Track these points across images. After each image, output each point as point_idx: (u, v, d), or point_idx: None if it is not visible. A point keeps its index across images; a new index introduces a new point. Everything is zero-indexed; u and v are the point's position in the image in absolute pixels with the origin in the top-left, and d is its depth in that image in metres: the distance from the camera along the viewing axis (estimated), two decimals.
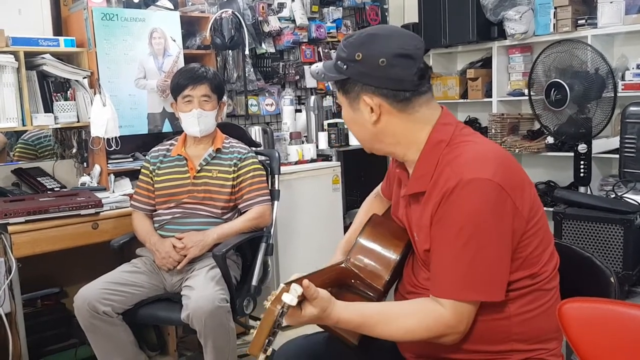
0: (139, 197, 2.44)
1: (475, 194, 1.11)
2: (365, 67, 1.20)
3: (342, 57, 1.23)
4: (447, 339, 1.15)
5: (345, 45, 1.23)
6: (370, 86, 1.21)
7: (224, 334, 2.07)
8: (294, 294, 1.04)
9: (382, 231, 1.35)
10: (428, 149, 1.22)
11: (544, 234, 1.20)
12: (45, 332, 2.70)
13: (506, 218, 1.12)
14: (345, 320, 1.15)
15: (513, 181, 1.14)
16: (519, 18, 3.51)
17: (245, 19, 3.37)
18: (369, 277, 1.29)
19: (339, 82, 1.26)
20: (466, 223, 1.11)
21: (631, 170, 2.83)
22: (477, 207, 1.11)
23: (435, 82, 4.16)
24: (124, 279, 2.19)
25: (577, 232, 2.78)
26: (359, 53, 1.20)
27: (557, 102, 3.07)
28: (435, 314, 1.14)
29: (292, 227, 3.14)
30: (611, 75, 2.99)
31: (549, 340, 1.22)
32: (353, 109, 1.26)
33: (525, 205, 1.15)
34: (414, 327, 1.15)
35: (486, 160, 1.14)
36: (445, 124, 1.24)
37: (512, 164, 1.18)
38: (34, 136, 3.01)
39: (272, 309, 1.03)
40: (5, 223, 2.24)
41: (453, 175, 1.13)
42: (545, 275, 1.20)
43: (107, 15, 2.72)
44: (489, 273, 1.12)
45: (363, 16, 4.23)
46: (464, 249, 1.11)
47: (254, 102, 3.61)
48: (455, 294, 1.13)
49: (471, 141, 1.21)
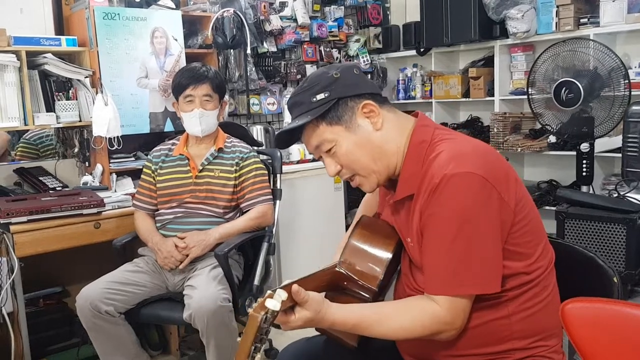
0: (141, 196, 2.44)
1: (460, 187, 1.11)
2: (346, 79, 1.23)
3: (316, 90, 1.23)
4: (444, 335, 1.15)
5: (312, 85, 1.24)
6: (359, 95, 1.23)
7: (226, 334, 2.07)
8: (278, 299, 1.03)
9: (372, 231, 1.35)
10: (411, 151, 1.23)
11: (536, 227, 1.20)
12: (47, 331, 2.70)
13: (493, 209, 1.12)
14: (340, 321, 1.14)
15: (496, 173, 1.14)
16: (521, 17, 3.50)
17: (247, 18, 3.37)
18: (362, 278, 1.28)
19: (325, 116, 1.23)
20: (453, 217, 1.11)
21: (634, 170, 2.82)
22: (463, 201, 1.11)
23: (437, 81, 4.16)
24: (126, 279, 2.19)
25: (580, 231, 2.78)
26: (335, 72, 1.23)
27: (569, 101, 3.04)
28: (430, 311, 1.14)
29: (294, 227, 3.14)
30: (623, 69, 2.95)
31: (549, 337, 1.22)
32: (353, 130, 1.23)
33: (511, 196, 1.15)
34: (409, 325, 1.15)
35: (468, 155, 1.15)
36: (423, 125, 1.26)
37: (494, 158, 1.18)
38: (36, 135, 3.01)
39: (255, 316, 1.02)
40: (7, 222, 2.24)
41: (437, 172, 1.14)
42: (541, 271, 1.20)
43: (108, 15, 2.72)
44: (481, 265, 1.12)
45: (365, 15, 4.23)
46: (453, 243, 1.12)
47: (255, 101, 3.61)
48: (448, 289, 1.13)
49: (452, 139, 1.22)
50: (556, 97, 3.09)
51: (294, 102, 1.26)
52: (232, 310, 2.10)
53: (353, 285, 1.29)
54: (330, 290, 1.31)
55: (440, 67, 4.24)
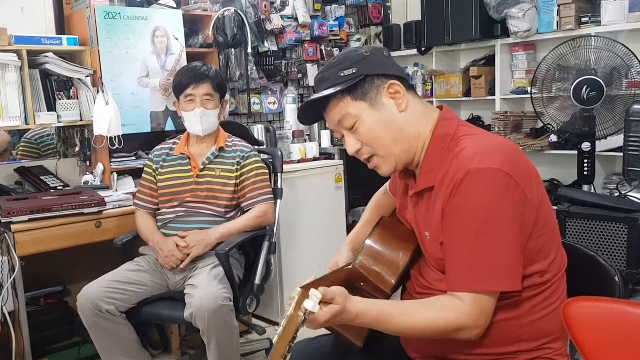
0: (142, 195, 2.44)
1: (485, 183, 1.10)
2: (375, 59, 1.23)
3: (345, 66, 1.23)
4: (467, 333, 1.13)
5: (341, 61, 1.24)
6: (387, 75, 1.23)
7: (227, 333, 2.07)
8: (315, 300, 1.02)
9: (391, 234, 1.35)
10: (434, 143, 1.23)
11: (553, 229, 1.19)
12: (48, 330, 2.70)
13: (517, 206, 1.11)
14: (363, 312, 1.11)
15: (521, 171, 1.13)
16: (522, 16, 3.49)
17: (248, 17, 3.37)
18: (377, 280, 1.28)
19: (351, 91, 1.23)
20: (477, 213, 1.10)
21: (635, 169, 2.82)
22: (487, 197, 1.10)
23: (438, 80, 4.15)
24: (127, 278, 2.19)
25: (581, 230, 2.77)
26: (365, 51, 1.23)
27: (590, 100, 3.00)
28: (455, 307, 1.12)
29: (295, 226, 3.14)
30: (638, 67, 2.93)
31: (555, 340, 1.22)
32: (377, 108, 1.23)
33: (535, 195, 1.14)
34: (432, 319, 1.12)
35: (493, 151, 1.14)
36: (448, 119, 1.25)
37: (519, 156, 1.18)
38: (37, 135, 3.01)
39: (296, 316, 1.01)
40: (8, 222, 2.25)
41: (461, 167, 1.13)
42: (554, 273, 1.19)
43: (109, 14, 2.72)
44: (505, 262, 1.11)
45: (366, 14, 4.23)
46: (478, 239, 1.10)
47: (256, 101, 3.61)
48: (474, 286, 1.11)
49: (476, 134, 1.21)
50: (576, 97, 3.03)
51: (321, 77, 1.26)
52: (233, 309, 2.10)
53: (367, 286, 1.30)
54: (345, 288, 1.31)
55: (442, 66, 4.23)
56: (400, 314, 1.13)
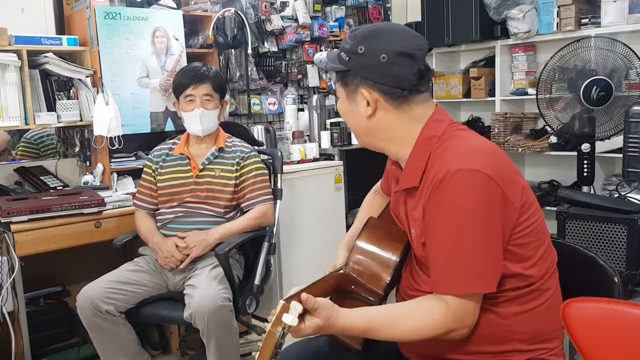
0: (142, 195, 2.44)
1: (463, 184, 1.10)
2: (366, 60, 1.21)
3: (345, 49, 1.24)
4: (456, 333, 1.14)
5: (350, 37, 1.24)
6: (369, 80, 1.22)
7: (227, 333, 2.07)
8: (294, 313, 1.01)
9: (379, 234, 1.34)
10: (419, 145, 1.23)
11: (539, 229, 1.19)
12: (47, 330, 2.70)
13: (496, 207, 1.11)
14: (350, 326, 1.13)
15: (502, 172, 1.13)
16: (522, 17, 3.50)
17: (248, 17, 3.37)
18: (369, 281, 1.27)
19: (340, 73, 1.27)
20: (456, 214, 1.11)
21: (635, 170, 2.82)
22: (465, 197, 1.10)
23: (438, 81, 4.16)
24: (126, 278, 2.19)
25: (581, 231, 2.77)
26: (362, 46, 1.21)
27: (599, 100, 3.00)
28: (440, 310, 1.13)
29: (295, 226, 3.14)
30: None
31: (550, 340, 1.22)
32: (350, 101, 1.27)
33: (517, 196, 1.14)
34: (421, 326, 1.13)
35: (474, 152, 1.15)
36: (437, 120, 1.25)
37: (501, 158, 1.18)
38: (37, 135, 3.01)
39: (273, 332, 1.00)
40: (8, 222, 2.24)
41: (442, 168, 1.13)
42: (541, 274, 1.19)
43: (109, 14, 2.72)
44: (487, 264, 1.12)
45: (366, 15, 4.23)
46: (458, 241, 1.11)
47: (256, 101, 3.61)
48: (456, 288, 1.12)
49: (463, 136, 1.22)
50: (586, 98, 3.03)
51: (345, 40, 1.28)
52: (232, 309, 2.10)
53: (359, 289, 1.28)
54: (337, 293, 1.30)
55: (441, 67, 4.24)
56: (389, 324, 1.14)
